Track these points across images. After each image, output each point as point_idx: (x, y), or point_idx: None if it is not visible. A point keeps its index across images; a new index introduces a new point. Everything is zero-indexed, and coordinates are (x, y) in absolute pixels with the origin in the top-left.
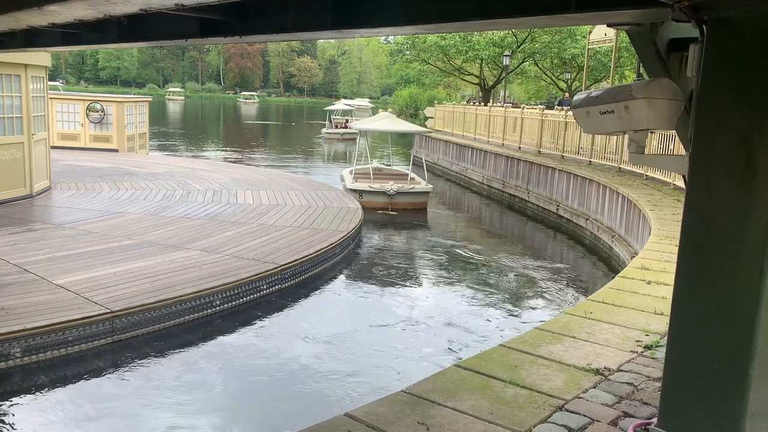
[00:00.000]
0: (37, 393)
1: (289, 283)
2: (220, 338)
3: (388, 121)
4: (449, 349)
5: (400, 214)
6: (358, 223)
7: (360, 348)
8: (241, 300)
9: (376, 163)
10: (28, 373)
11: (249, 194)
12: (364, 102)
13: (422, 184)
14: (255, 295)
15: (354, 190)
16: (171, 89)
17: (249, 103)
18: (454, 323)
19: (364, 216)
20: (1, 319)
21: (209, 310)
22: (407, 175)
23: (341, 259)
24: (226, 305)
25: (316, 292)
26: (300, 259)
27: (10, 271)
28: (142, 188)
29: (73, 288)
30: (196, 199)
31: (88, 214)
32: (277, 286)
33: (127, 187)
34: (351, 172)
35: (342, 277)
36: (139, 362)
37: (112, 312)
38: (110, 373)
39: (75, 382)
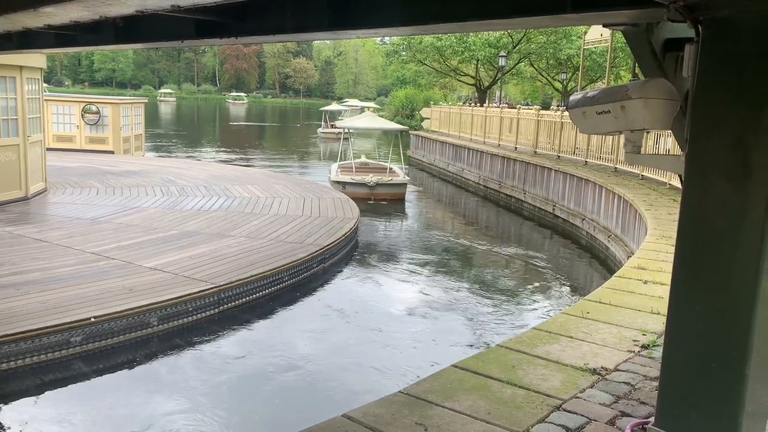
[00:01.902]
0: (179, 352)
1: (329, 263)
2: (293, 306)
3: (369, 120)
4: (449, 346)
5: (395, 208)
6: (357, 211)
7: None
8: (300, 276)
9: (363, 159)
10: (164, 339)
11: (241, 189)
12: (354, 101)
13: (400, 177)
14: (308, 273)
15: (338, 182)
16: (162, 91)
17: (238, 104)
18: (452, 321)
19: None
20: (131, 295)
21: (280, 285)
22: (387, 168)
23: (355, 243)
24: (291, 281)
25: (349, 268)
26: (334, 242)
27: (94, 259)
28: (131, 186)
29: (166, 269)
30: (195, 193)
31: (108, 210)
32: (321, 265)
33: (118, 186)
34: (337, 166)
35: (359, 257)
36: (241, 327)
37: (218, 286)
38: (225, 335)
39: (204, 342)
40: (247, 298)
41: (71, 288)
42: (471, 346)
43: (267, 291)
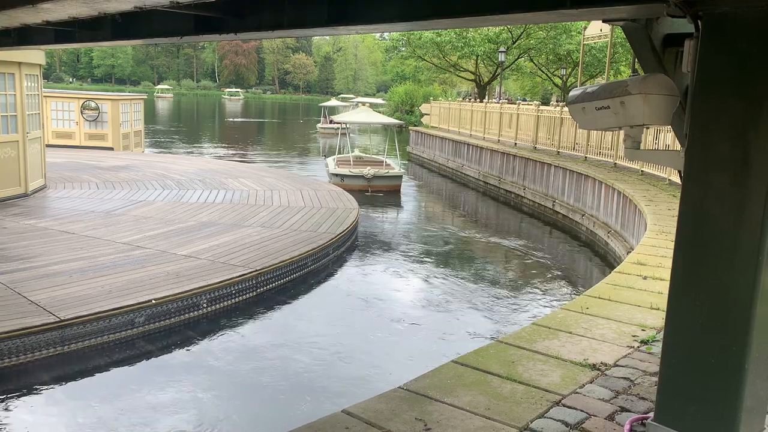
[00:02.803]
0: (227, 331)
1: (342, 249)
2: (316, 289)
3: (365, 114)
4: (448, 343)
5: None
6: (355, 201)
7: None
8: (320, 262)
9: (357, 152)
10: (212, 320)
11: (236, 182)
12: (350, 96)
13: (396, 169)
14: (326, 259)
15: (336, 175)
16: (159, 87)
17: (234, 100)
18: (450, 318)
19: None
20: (179, 280)
21: (304, 270)
22: (383, 161)
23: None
24: (314, 265)
25: (359, 253)
26: (345, 230)
27: (128, 248)
28: (126, 180)
29: (201, 256)
30: (193, 187)
31: (117, 203)
32: (335, 252)
33: (113, 181)
34: (334, 159)
35: (363, 244)
36: (277, 308)
37: (256, 270)
38: (265, 315)
39: (247, 322)
40: (279, 281)
41: (121, 274)
42: (471, 338)
43: (295, 275)
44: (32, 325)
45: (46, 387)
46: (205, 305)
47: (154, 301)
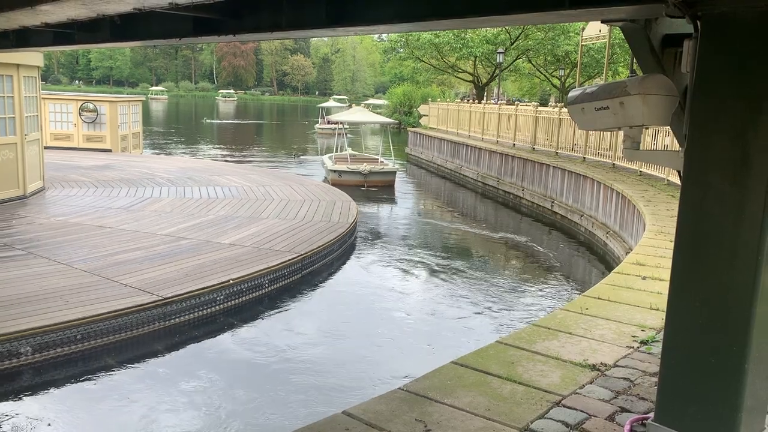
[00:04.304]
0: (287, 307)
1: (353, 237)
2: (343, 267)
3: (360, 114)
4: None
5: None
6: (348, 196)
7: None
8: (342, 248)
9: (350, 150)
10: (274, 298)
11: (222, 179)
12: (343, 98)
13: (390, 165)
14: (345, 245)
15: (334, 171)
16: (153, 89)
17: (229, 101)
18: (450, 317)
19: (342, 190)
20: (238, 264)
21: (333, 255)
22: (377, 158)
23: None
24: (338, 251)
25: (366, 240)
26: (354, 220)
27: (173, 239)
28: (118, 180)
29: (245, 243)
30: (187, 184)
31: (128, 201)
32: (351, 239)
33: (105, 180)
34: (331, 157)
35: (366, 233)
36: (318, 286)
37: (301, 255)
38: (313, 293)
39: (304, 296)
40: (317, 264)
41: (185, 261)
42: (468, 340)
43: (325, 259)
44: (144, 302)
45: (160, 355)
46: (267, 285)
47: (231, 281)
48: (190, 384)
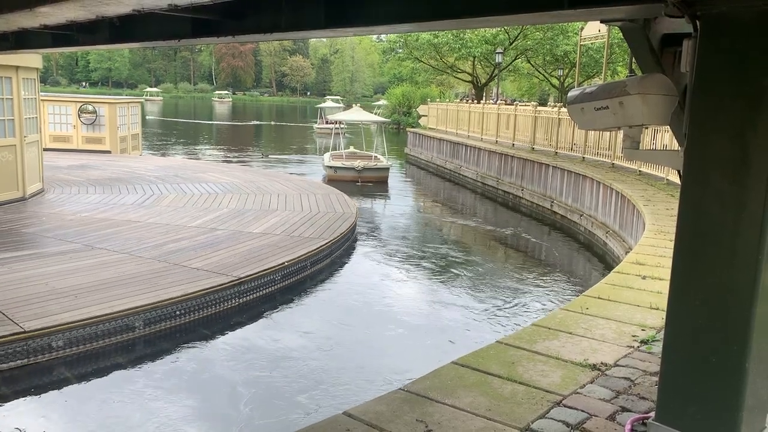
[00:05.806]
0: (326, 287)
1: (359, 229)
2: (354, 256)
3: (357, 113)
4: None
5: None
6: (337, 190)
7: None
8: (350, 240)
9: (351, 149)
10: (313, 278)
11: (208, 176)
12: (338, 98)
13: (383, 162)
14: (354, 232)
15: (330, 167)
16: (148, 90)
17: (225, 102)
18: (451, 319)
19: (338, 187)
20: (279, 250)
21: (346, 244)
22: (372, 156)
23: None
24: (352, 240)
25: (369, 232)
26: (357, 210)
27: (207, 230)
28: (109, 180)
29: (275, 232)
30: (178, 181)
31: (136, 198)
32: (358, 229)
33: (97, 180)
34: (329, 155)
35: (369, 226)
36: (348, 266)
37: (330, 241)
38: (345, 273)
39: (342, 274)
40: (340, 250)
41: (231, 248)
42: (469, 341)
43: (346, 245)
44: (222, 282)
45: (245, 325)
46: (309, 267)
47: (286, 263)
48: (284, 344)
